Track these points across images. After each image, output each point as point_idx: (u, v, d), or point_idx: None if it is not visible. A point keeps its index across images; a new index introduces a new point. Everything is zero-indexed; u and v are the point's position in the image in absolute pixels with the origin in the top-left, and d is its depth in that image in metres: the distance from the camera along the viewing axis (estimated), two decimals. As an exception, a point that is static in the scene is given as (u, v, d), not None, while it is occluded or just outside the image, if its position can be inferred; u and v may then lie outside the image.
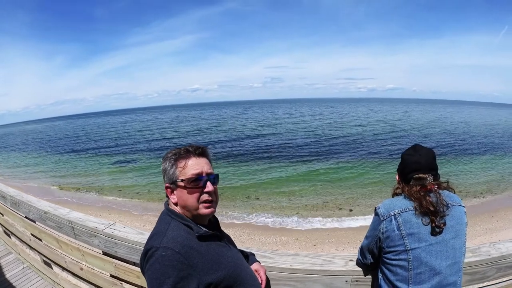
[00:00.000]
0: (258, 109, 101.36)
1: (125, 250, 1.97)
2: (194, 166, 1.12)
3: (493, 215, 10.07)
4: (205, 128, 44.84)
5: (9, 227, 3.28)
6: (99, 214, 11.12)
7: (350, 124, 42.51)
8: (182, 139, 33.24)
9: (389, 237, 1.34)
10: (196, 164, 1.13)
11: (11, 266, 3.29)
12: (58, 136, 47.58)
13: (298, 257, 1.63)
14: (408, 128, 37.49)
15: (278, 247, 8.50)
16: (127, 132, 44.88)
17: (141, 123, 65.14)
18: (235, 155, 22.11)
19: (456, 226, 1.31)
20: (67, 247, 2.44)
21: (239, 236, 9.26)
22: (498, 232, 8.66)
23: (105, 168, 20.38)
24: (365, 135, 31.21)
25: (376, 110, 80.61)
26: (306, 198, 12.86)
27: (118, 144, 31.91)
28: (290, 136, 31.44)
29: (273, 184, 15.03)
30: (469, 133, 32.65)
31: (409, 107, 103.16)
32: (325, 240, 8.81)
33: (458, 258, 1.31)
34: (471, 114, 75.85)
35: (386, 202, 1.41)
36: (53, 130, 63.86)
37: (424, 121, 47.86)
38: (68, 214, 2.38)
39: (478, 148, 23.46)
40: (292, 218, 10.63)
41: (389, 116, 58.03)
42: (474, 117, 61.86)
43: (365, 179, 15.30)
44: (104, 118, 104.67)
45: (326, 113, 69.92)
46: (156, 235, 1.06)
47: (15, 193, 2.98)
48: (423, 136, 30.68)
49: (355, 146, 24.79)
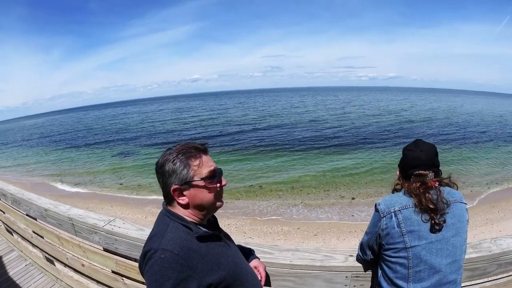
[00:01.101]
0: (260, 98, 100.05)
1: (125, 247, 1.97)
2: (208, 163, 1.12)
3: (494, 205, 10.08)
4: (209, 118, 44.40)
5: (11, 225, 3.29)
6: (101, 207, 11.21)
7: (354, 114, 42.09)
8: (185, 131, 32.79)
9: (389, 234, 1.33)
10: (209, 160, 1.14)
11: (15, 263, 3.32)
12: (57, 130, 47.32)
13: (298, 253, 1.63)
14: (416, 118, 36.89)
15: (279, 237, 8.55)
16: (127, 124, 44.64)
17: (142, 114, 64.54)
18: (238, 146, 22.11)
19: (457, 223, 1.30)
20: (68, 244, 2.46)
21: (241, 226, 9.30)
22: (498, 223, 8.68)
23: (106, 161, 20.40)
24: (371, 124, 31.10)
25: (379, 99, 79.80)
26: (309, 187, 12.90)
27: (118, 137, 31.80)
28: (295, 126, 31.24)
29: (276, 174, 15.06)
30: (473, 123, 32.41)
31: (412, 96, 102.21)
32: (327, 230, 8.85)
33: (459, 256, 1.29)
34: (476, 103, 75.16)
35: (386, 198, 1.40)
36: (52, 125, 63.53)
37: (430, 111, 47.46)
38: (68, 211, 2.38)
39: (481, 138, 23.34)
40: (294, 208, 10.67)
41: (393, 106, 57.31)
42: (478, 107, 61.37)
43: (369, 169, 15.28)
44: (103, 111, 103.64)
45: (329, 102, 69.22)
46: (155, 237, 1.05)
47: (16, 191, 2.98)
48: (428, 126, 30.40)
49: (361, 135, 24.72)
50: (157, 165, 1.12)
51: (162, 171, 1.09)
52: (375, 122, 32.83)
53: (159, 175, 1.11)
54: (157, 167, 1.12)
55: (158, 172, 1.11)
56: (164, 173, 1.09)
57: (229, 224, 9.33)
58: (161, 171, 1.10)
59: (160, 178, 1.11)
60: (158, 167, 1.12)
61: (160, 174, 1.11)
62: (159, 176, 1.12)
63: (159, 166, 1.11)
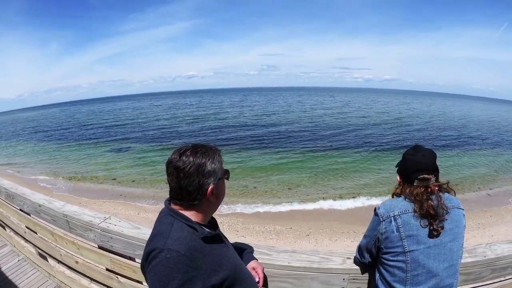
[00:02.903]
0: (258, 97, 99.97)
1: (120, 245, 1.95)
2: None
3: (486, 210, 10.24)
4: (205, 115, 44.45)
5: (4, 219, 3.24)
6: (93, 203, 11.15)
7: (352, 115, 42.49)
8: (182, 127, 32.76)
9: (388, 238, 1.34)
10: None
11: (7, 258, 3.28)
12: (51, 124, 46.71)
13: (296, 254, 1.63)
14: (414, 122, 37.38)
15: (272, 236, 8.60)
16: (122, 120, 44.47)
17: (137, 110, 64.15)
18: (234, 145, 22.20)
19: (454, 229, 1.32)
20: (62, 240, 2.43)
21: (233, 224, 9.33)
22: (490, 227, 8.81)
23: (100, 156, 20.34)
24: (368, 126, 31.51)
25: (376, 101, 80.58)
26: (303, 187, 13.02)
27: (113, 132, 31.69)
28: (292, 125, 31.49)
29: (269, 173, 15.17)
30: (469, 128, 32.93)
31: (408, 99, 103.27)
32: (319, 230, 8.93)
33: (455, 261, 1.32)
34: (472, 108, 76.06)
35: (386, 202, 1.41)
36: (46, 118, 62.69)
37: (428, 114, 48.19)
38: (62, 207, 2.35)
39: (477, 143, 23.76)
40: (286, 207, 10.78)
41: (391, 108, 57.97)
42: (475, 112, 62.14)
43: (364, 169, 15.48)
44: (99, 105, 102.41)
45: (328, 103, 69.52)
46: (159, 236, 1.03)
47: (10, 185, 2.94)
48: (427, 128, 31.00)
49: (359, 137, 25.05)
50: (193, 166, 1.05)
51: (201, 171, 1.05)
52: (373, 123, 33.18)
53: (195, 176, 1.05)
54: (193, 168, 1.04)
55: (194, 173, 1.05)
56: (205, 173, 1.06)
57: (221, 223, 9.35)
58: (200, 171, 1.05)
59: (195, 179, 1.05)
60: (195, 168, 1.05)
61: (196, 174, 1.05)
62: (194, 177, 1.05)
63: (196, 166, 1.05)
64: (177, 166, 1.04)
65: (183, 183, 1.05)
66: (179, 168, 1.04)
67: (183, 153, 1.06)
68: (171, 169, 1.06)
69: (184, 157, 1.05)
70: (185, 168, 1.04)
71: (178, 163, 1.05)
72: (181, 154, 1.06)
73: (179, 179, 1.05)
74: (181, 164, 1.04)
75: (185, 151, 1.07)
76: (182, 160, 1.05)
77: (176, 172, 1.05)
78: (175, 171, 1.05)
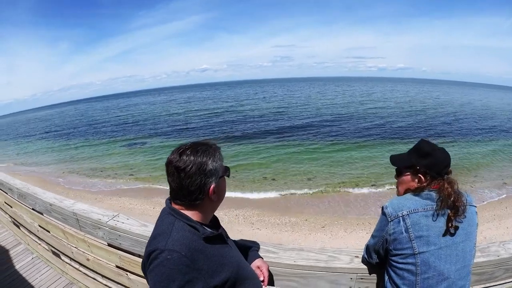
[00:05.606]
0: (277, 89, 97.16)
1: (129, 243, 1.98)
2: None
3: (502, 201, 9.98)
4: (228, 107, 44.48)
5: (18, 218, 3.33)
6: (109, 198, 11.36)
7: (371, 106, 41.59)
8: (201, 122, 32.47)
9: (397, 240, 1.28)
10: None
11: (21, 256, 3.37)
12: (65, 122, 47.59)
13: (303, 253, 1.61)
14: (446, 111, 36.26)
15: (287, 229, 8.55)
16: (136, 115, 44.87)
17: (153, 105, 64.13)
18: (251, 136, 22.30)
19: (467, 228, 1.25)
20: (73, 239, 2.48)
21: (249, 216, 9.32)
22: (506, 219, 8.58)
23: (115, 152, 20.64)
24: (389, 116, 31.05)
25: (395, 90, 78.41)
26: (320, 178, 12.92)
27: (128, 127, 32.03)
28: (314, 117, 31.10)
29: (287, 164, 15.11)
30: (486, 117, 31.86)
31: (426, 88, 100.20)
32: (334, 222, 8.85)
33: (468, 262, 1.25)
34: (491, 97, 73.42)
35: (394, 201, 1.34)
36: (60, 117, 63.74)
37: (455, 103, 47.19)
38: (72, 206, 2.39)
39: (490, 133, 22.95)
40: (303, 199, 10.71)
41: (413, 97, 56.36)
42: (495, 101, 60.10)
43: (381, 160, 15.16)
44: (112, 102, 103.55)
45: (351, 93, 67.77)
46: (160, 236, 1.02)
47: (22, 185, 3.00)
48: (463, 119, 30.04)
49: (391, 128, 24.60)
50: (194, 166, 1.02)
51: (203, 170, 1.03)
52: (394, 113, 32.54)
53: (196, 175, 1.03)
54: (194, 168, 1.02)
55: (196, 173, 1.02)
56: (206, 172, 1.03)
57: (237, 215, 9.36)
58: (201, 171, 1.03)
59: (197, 179, 1.03)
60: (196, 167, 1.02)
61: (197, 174, 1.02)
62: (196, 177, 1.03)
63: (197, 166, 1.02)
64: (177, 166, 1.02)
65: (184, 183, 1.02)
66: (179, 168, 1.02)
67: (182, 152, 1.04)
68: (172, 169, 1.03)
69: (184, 157, 1.02)
70: (186, 168, 1.01)
71: (179, 163, 1.02)
72: (181, 154, 1.03)
73: (180, 179, 1.03)
74: (181, 164, 1.01)
75: (185, 150, 1.04)
76: (183, 159, 1.02)
77: (177, 172, 1.02)
78: (176, 171, 1.02)
